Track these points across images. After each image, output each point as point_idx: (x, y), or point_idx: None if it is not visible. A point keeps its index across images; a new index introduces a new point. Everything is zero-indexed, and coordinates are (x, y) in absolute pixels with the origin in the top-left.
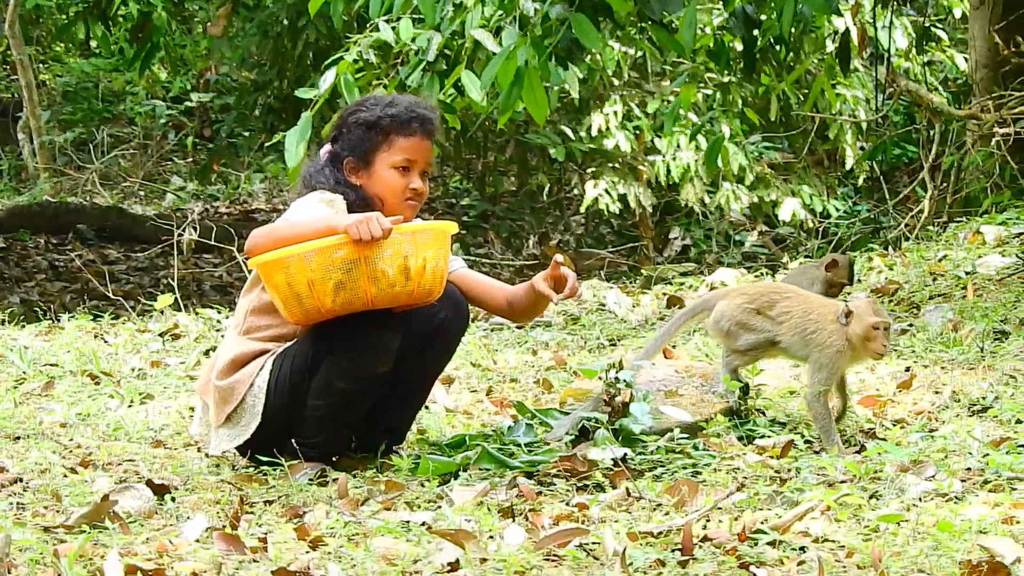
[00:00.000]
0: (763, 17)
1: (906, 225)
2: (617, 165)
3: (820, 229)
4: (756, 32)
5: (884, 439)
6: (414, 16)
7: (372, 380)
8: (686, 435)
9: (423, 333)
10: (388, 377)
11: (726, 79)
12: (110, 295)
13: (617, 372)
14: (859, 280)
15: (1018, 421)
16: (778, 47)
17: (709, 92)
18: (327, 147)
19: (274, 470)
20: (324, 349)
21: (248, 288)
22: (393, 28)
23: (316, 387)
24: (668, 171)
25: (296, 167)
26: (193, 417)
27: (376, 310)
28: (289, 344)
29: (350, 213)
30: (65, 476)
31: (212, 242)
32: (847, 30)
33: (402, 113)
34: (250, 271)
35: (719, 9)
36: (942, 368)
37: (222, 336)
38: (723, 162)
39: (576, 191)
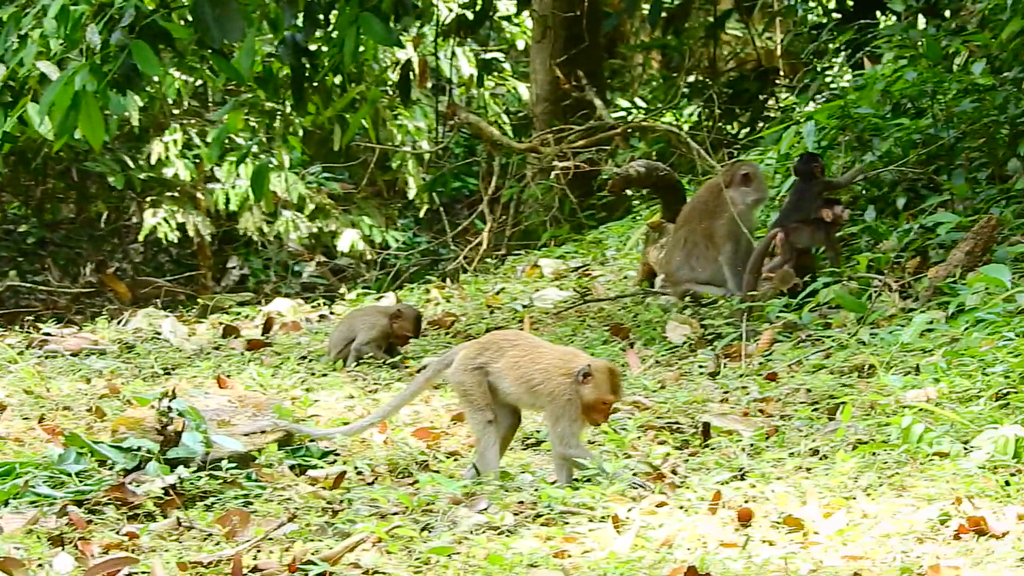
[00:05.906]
0: (313, 47)
1: (465, 257)
2: (176, 194)
3: (379, 260)
4: (305, 60)
5: (438, 471)
6: None
7: None
8: (237, 465)
9: None
10: None
11: (275, 106)
12: None
13: (170, 401)
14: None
15: None
16: (328, 76)
17: (266, 120)
18: None
19: None
20: None
21: None
22: None
23: None
24: (227, 200)
25: None
26: None
27: None
28: None
29: None
30: None
31: None
32: (408, 60)
33: None
34: None
35: (270, 37)
36: None
37: None
38: (265, 191)
39: (135, 219)
